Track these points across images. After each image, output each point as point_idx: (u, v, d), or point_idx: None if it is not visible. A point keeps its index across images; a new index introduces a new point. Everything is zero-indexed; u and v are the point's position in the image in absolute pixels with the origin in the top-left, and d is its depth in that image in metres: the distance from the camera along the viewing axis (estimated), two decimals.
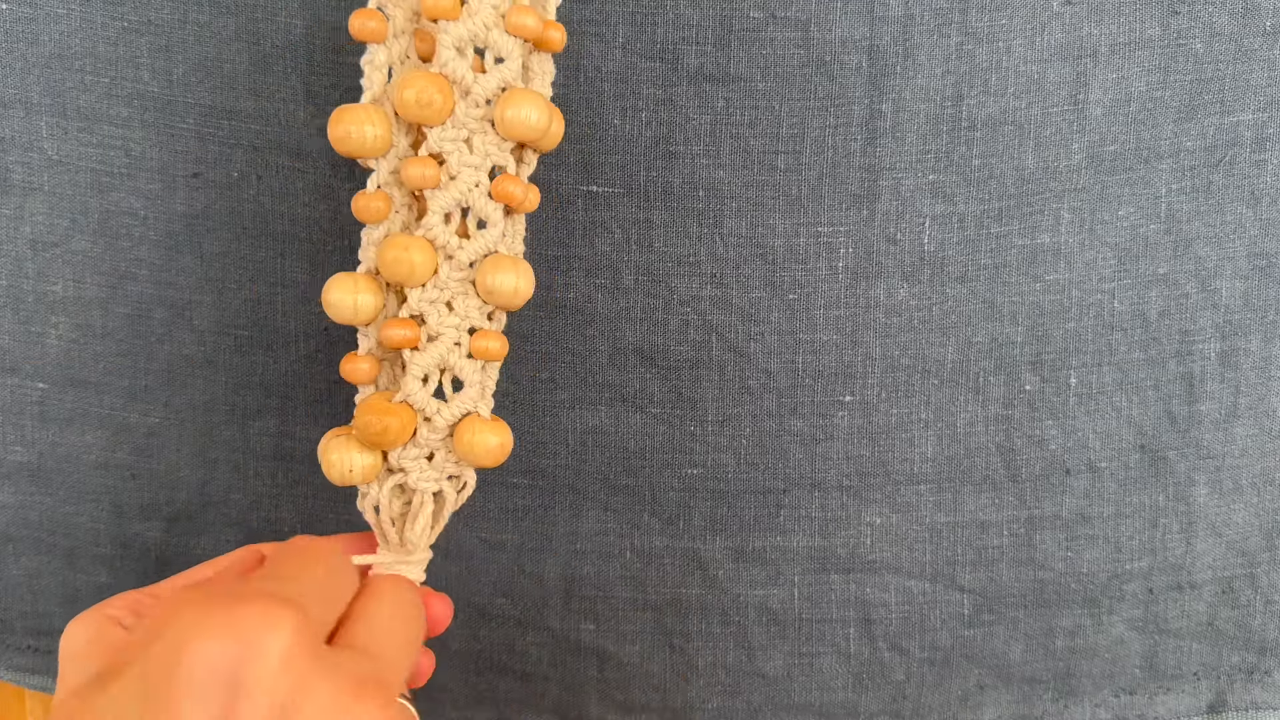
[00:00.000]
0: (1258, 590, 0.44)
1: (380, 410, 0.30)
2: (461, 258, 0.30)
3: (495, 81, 0.30)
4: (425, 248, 0.30)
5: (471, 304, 0.31)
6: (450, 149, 0.30)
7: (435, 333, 0.31)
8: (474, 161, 0.30)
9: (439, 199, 0.30)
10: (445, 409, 0.31)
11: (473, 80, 0.30)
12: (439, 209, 0.30)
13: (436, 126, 0.30)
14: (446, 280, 0.30)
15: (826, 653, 0.43)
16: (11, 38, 0.39)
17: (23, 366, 0.41)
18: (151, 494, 0.42)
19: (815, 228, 0.41)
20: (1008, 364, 0.42)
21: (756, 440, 0.42)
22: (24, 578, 0.42)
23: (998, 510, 0.43)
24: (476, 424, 0.31)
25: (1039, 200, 0.41)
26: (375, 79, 0.30)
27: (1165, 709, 0.44)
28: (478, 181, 0.30)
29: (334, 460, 0.30)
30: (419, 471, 0.31)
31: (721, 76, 0.40)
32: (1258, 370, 0.43)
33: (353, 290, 0.30)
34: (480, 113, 0.30)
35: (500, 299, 0.30)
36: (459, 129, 0.30)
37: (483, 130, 0.30)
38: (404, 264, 0.29)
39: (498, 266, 0.30)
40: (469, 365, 0.31)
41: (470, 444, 0.30)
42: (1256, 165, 0.42)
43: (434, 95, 0.29)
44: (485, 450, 0.30)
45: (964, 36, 0.40)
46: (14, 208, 0.40)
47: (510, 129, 0.30)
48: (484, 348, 0.31)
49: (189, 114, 0.40)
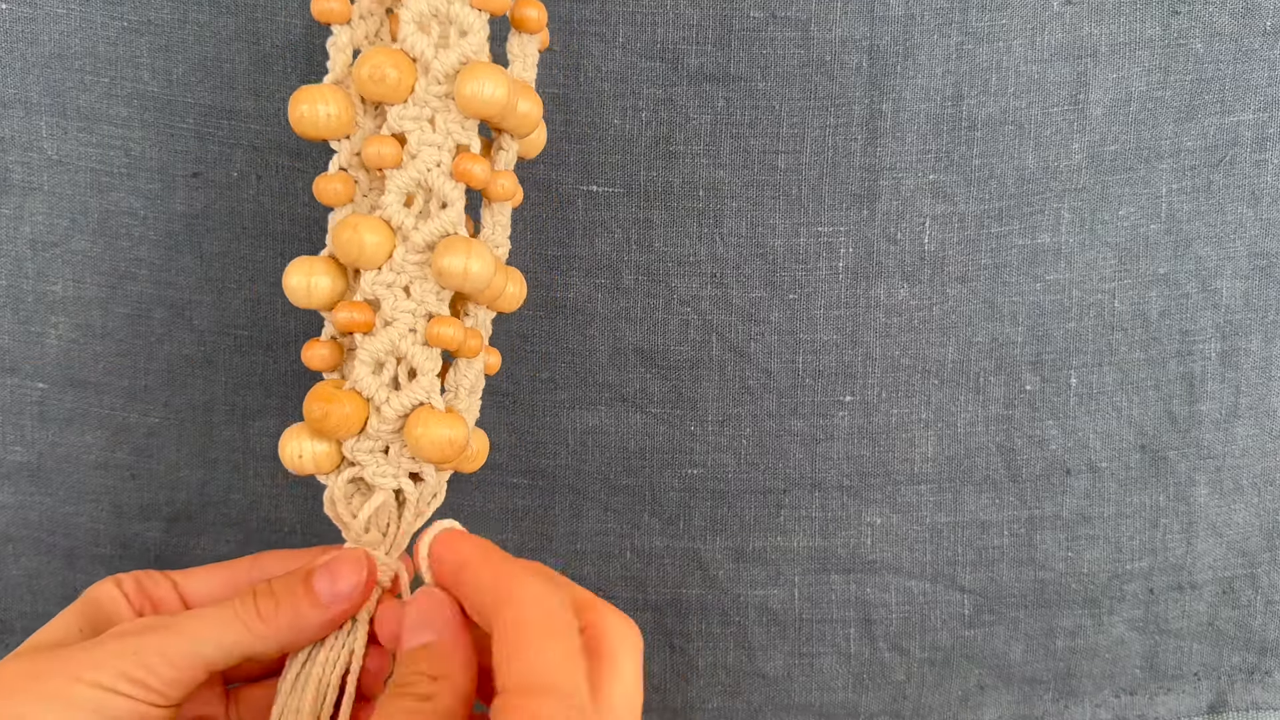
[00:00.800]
0: (1258, 590, 0.44)
1: (323, 396, 0.29)
2: (416, 239, 0.29)
3: (455, 57, 0.29)
4: (379, 228, 0.29)
5: (429, 288, 0.29)
6: (411, 127, 0.29)
7: (390, 318, 0.29)
8: (435, 140, 0.29)
9: (397, 179, 0.29)
10: (395, 398, 0.29)
11: (433, 55, 0.29)
12: (396, 189, 0.29)
13: (397, 105, 0.29)
14: (402, 263, 0.29)
15: (827, 653, 0.43)
16: (11, 37, 0.39)
17: (22, 366, 0.41)
18: (151, 494, 0.42)
19: (815, 227, 0.41)
20: (1008, 364, 0.42)
21: (757, 440, 0.42)
22: (24, 578, 0.42)
23: (998, 510, 0.43)
24: (426, 415, 0.29)
25: (1039, 200, 0.41)
26: (338, 60, 0.30)
27: (1166, 709, 0.44)
28: (439, 161, 0.29)
29: (287, 446, 0.29)
30: (375, 465, 0.30)
31: (722, 76, 0.40)
32: (1258, 370, 0.43)
33: (307, 273, 0.29)
34: (442, 89, 0.29)
35: (450, 281, 0.29)
36: (420, 107, 0.29)
37: (445, 108, 0.29)
38: (354, 244, 0.28)
39: (448, 248, 0.28)
40: (422, 352, 0.29)
41: (417, 436, 0.29)
42: (1257, 165, 0.42)
43: (387, 70, 0.28)
44: (432, 443, 0.29)
45: (964, 36, 0.40)
46: (14, 207, 0.40)
47: (468, 104, 0.28)
48: (438, 334, 0.29)
49: (189, 114, 0.40)
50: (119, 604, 0.28)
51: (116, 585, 0.29)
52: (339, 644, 0.29)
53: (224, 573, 0.30)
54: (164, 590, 0.29)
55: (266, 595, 0.27)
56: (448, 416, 0.29)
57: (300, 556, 0.30)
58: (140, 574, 0.29)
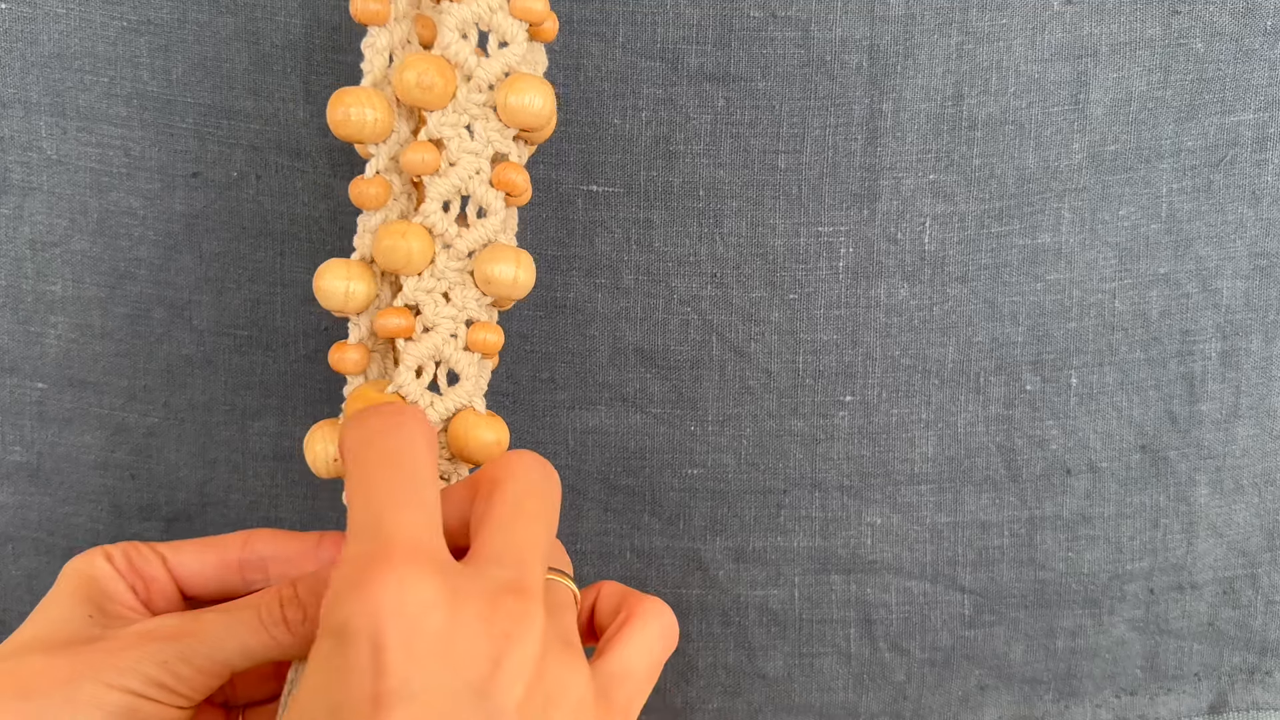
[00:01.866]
0: (1259, 591, 0.44)
1: (370, 400, 0.29)
2: (460, 246, 0.30)
3: (499, 66, 0.29)
4: (423, 235, 0.29)
5: (470, 295, 0.30)
6: (450, 134, 0.29)
7: (431, 323, 0.30)
8: (475, 148, 0.29)
9: (438, 185, 0.29)
10: (439, 402, 0.30)
11: (476, 64, 0.29)
12: (437, 196, 0.29)
13: (437, 111, 0.29)
14: (444, 270, 0.30)
15: (827, 653, 0.43)
16: (10, 37, 0.39)
17: (22, 366, 0.41)
18: (151, 494, 0.42)
19: (816, 227, 0.41)
20: (1008, 364, 0.42)
21: (757, 440, 0.42)
22: (23, 578, 0.42)
23: (998, 510, 0.43)
24: (471, 419, 0.30)
25: (1040, 200, 0.41)
26: (376, 62, 0.30)
27: (1166, 709, 0.44)
28: (478, 169, 0.29)
29: (317, 450, 0.29)
30: None
31: (722, 76, 0.40)
32: (1259, 370, 0.43)
33: (345, 277, 0.29)
34: (482, 98, 0.29)
35: (499, 289, 0.29)
36: (460, 114, 0.29)
37: (485, 116, 0.29)
38: (400, 251, 0.29)
39: (497, 256, 0.29)
40: (465, 358, 0.30)
41: (464, 440, 0.29)
42: (1258, 165, 0.42)
43: (435, 78, 0.28)
44: (480, 446, 0.30)
45: (964, 36, 0.40)
46: (13, 207, 0.40)
47: (514, 115, 0.29)
48: (481, 340, 0.30)
49: (188, 113, 0.40)
50: (117, 582, 0.28)
51: (107, 560, 0.28)
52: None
53: (215, 552, 0.29)
54: (154, 568, 0.29)
55: (293, 605, 0.27)
56: (491, 420, 0.30)
57: (295, 540, 0.30)
58: (128, 547, 0.29)
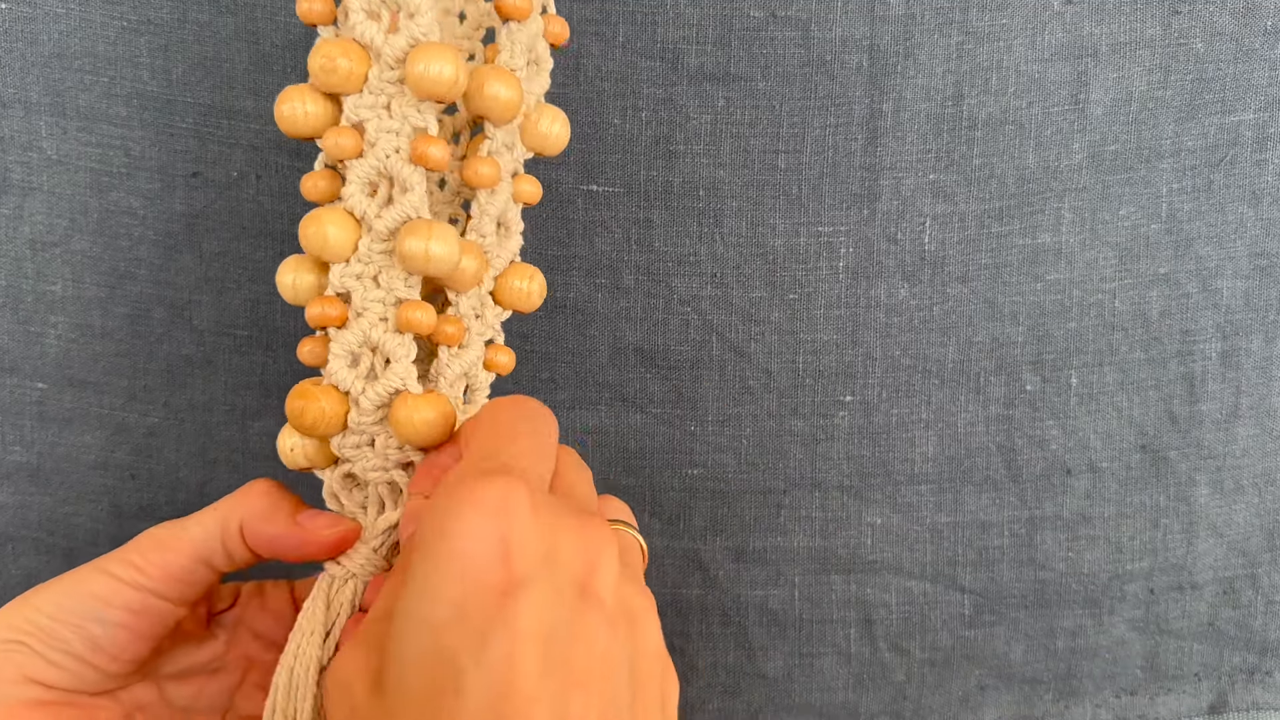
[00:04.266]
0: (1259, 591, 0.44)
1: (300, 393, 0.28)
2: (380, 227, 0.29)
3: (404, 40, 0.28)
4: (342, 219, 0.29)
5: (396, 275, 0.29)
6: (368, 115, 0.29)
7: (360, 309, 0.29)
8: (392, 126, 0.29)
9: (358, 168, 0.29)
10: (370, 388, 0.29)
11: (383, 41, 0.28)
12: (358, 178, 0.29)
13: (352, 95, 0.29)
14: (369, 253, 0.29)
15: (827, 653, 0.43)
16: (10, 37, 0.39)
17: (22, 366, 0.41)
18: (151, 494, 0.42)
19: (816, 227, 0.41)
20: (1009, 364, 0.42)
21: (757, 440, 0.42)
22: (23, 578, 0.42)
23: (999, 510, 0.43)
24: (408, 401, 0.29)
25: (1040, 200, 0.41)
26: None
27: (1166, 710, 0.44)
28: (397, 147, 0.29)
29: (281, 442, 0.30)
30: (363, 460, 0.30)
31: (722, 76, 0.40)
32: (1259, 370, 0.43)
33: (293, 270, 0.30)
34: (394, 74, 0.29)
35: (413, 264, 0.28)
36: (376, 94, 0.29)
37: (400, 94, 0.29)
38: (319, 237, 0.28)
39: (409, 231, 0.28)
40: (393, 339, 0.29)
41: (403, 422, 0.29)
42: (1258, 165, 0.42)
43: (338, 60, 0.28)
44: (422, 426, 0.28)
45: (965, 36, 0.40)
46: (13, 207, 0.40)
47: (418, 84, 0.28)
48: (407, 318, 0.29)
49: (188, 113, 0.40)
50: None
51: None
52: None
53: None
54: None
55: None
56: (429, 397, 0.29)
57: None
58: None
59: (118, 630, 0.27)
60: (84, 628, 0.27)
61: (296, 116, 0.29)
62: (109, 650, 0.27)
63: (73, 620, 0.27)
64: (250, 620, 0.32)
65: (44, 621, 0.26)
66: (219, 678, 0.31)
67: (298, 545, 0.29)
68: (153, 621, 0.28)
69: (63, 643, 0.26)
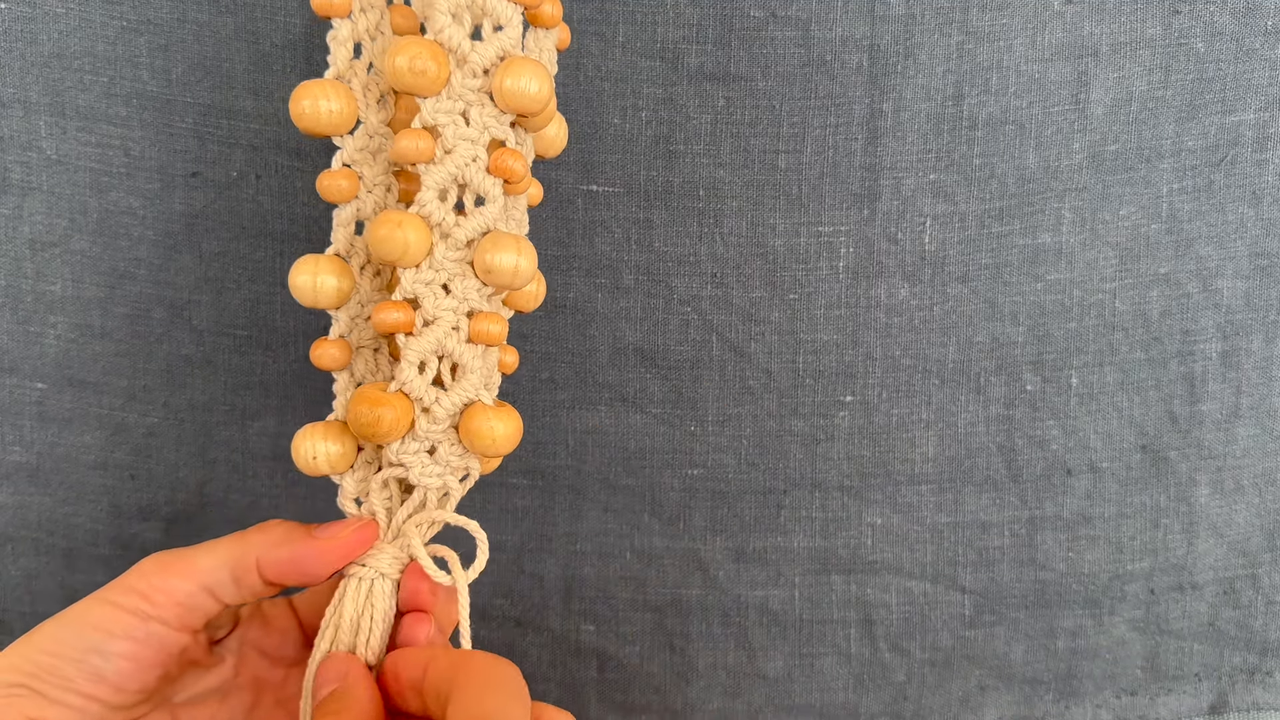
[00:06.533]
0: (1259, 591, 0.44)
1: (373, 400, 0.28)
2: (459, 236, 0.28)
3: (494, 50, 0.28)
4: (419, 225, 0.28)
5: (470, 285, 0.29)
6: (445, 121, 0.28)
7: (431, 316, 0.29)
8: (471, 135, 0.28)
9: (434, 174, 0.28)
10: (445, 398, 0.29)
11: (470, 48, 0.28)
12: (433, 184, 0.28)
13: (431, 98, 0.28)
14: (442, 260, 0.28)
15: (827, 654, 0.43)
16: (10, 37, 0.39)
17: (21, 366, 0.41)
18: (150, 494, 0.42)
19: (816, 227, 0.41)
20: (1009, 364, 0.42)
21: (757, 440, 0.42)
22: (22, 578, 0.42)
23: (999, 511, 0.43)
24: (484, 411, 0.29)
25: (1040, 200, 0.41)
26: (339, 54, 0.29)
27: (1167, 710, 0.44)
28: (475, 156, 0.28)
29: (300, 448, 0.29)
30: (420, 467, 0.29)
31: (722, 75, 0.40)
32: (1259, 370, 0.43)
33: (313, 271, 0.29)
34: (477, 83, 0.28)
35: (500, 278, 0.28)
36: (455, 100, 0.28)
37: (480, 102, 0.28)
38: (397, 242, 0.28)
39: (497, 244, 0.28)
40: (469, 350, 0.29)
41: (478, 432, 0.28)
42: (1258, 164, 0.42)
43: (428, 62, 0.27)
44: (500, 437, 0.28)
45: (965, 36, 0.40)
46: (13, 207, 0.40)
47: (510, 99, 0.28)
48: (484, 331, 0.29)
49: (188, 113, 0.40)
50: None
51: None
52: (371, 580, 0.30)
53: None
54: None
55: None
56: (500, 409, 0.29)
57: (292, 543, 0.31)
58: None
59: (120, 660, 0.27)
60: (85, 661, 0.26)
61: (320, 113, 0.28)
62: (113, 681, 0.27)
63: (74, 655, 0.26)
64: (255, 641, 0.32)
65: (45, 660, 0.26)
66: (231, 701, 0.31)
67: (319, 555, 0.29)
68: (155, 649, 0.28)
69: (65, 680, 0.26)
